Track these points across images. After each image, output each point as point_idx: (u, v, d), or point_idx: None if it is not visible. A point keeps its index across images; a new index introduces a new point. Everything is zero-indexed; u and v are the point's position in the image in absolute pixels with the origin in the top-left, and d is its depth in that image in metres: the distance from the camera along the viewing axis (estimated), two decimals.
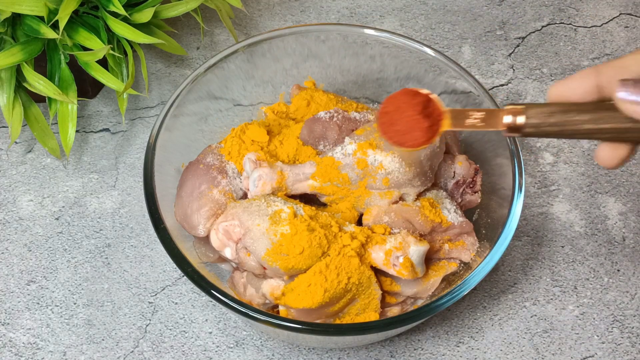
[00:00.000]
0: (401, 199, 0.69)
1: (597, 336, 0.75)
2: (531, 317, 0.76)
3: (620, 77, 0.50)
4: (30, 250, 0.79)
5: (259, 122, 0.75)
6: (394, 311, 0.69)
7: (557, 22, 0.99)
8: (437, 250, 0.69)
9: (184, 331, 0.75)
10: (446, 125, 0.55)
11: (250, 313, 0.62)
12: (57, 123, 0.84)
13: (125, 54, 0.80)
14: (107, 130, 0.88)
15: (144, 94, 0.90)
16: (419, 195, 0.70)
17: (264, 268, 0.64)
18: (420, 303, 0.69)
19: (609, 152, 0.53)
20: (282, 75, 0.82)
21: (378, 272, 0.66)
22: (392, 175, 0.67)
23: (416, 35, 0.97)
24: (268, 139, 0.72)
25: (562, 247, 0.80)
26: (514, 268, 0.79)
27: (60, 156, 0.84)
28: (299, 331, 0.62)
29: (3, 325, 0.75)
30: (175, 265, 0.70)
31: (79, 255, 0.79)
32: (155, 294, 0.77)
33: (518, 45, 0.97)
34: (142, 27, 0.80)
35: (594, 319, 0.76)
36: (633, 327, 0.75)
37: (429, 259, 0.68)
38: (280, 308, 0.66)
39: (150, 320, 0.75)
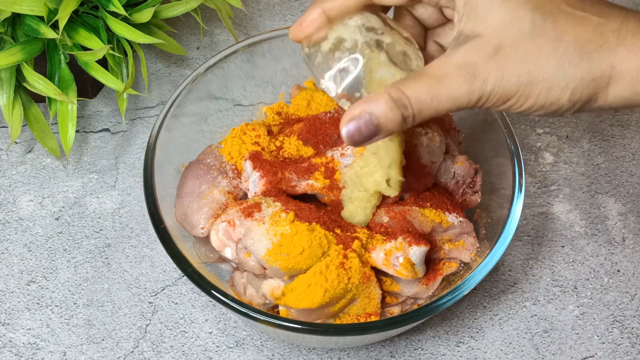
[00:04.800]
0: (401, 199, 0.69)
1: (597, 336, 0.75)
2: (531, 317, 0.76)
3: None
4: (30, 251, 0.79)
5: (259, 122, 0.75)
6: (394, 311, 0.69)
7: None
8: (437, 250, 0.69)
9: (184, 331, 0.75)
10: None
11: (250, 313, 0.62)
12: (57, 123, 0.84)
13: (125, 54, 0.80)
14: (107, 130, 0.88)
15: (143, 94, 0.90)
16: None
17: (264, 268, 0.64)
18: (420, 303, 0.69)
19: None
20: (282, 75, 0.82)
21: (378, 272, 0.66)
22: None
23: None
24: (268, 139, 0.72)
25: (562, 247, 0.80)
26: (514, 268, 0.79)
27: (60, 156, 0.84)
28: (299, 331, 0.62)
29: (3, 325, 0.75)
30: (175, 265, 0.70)
31: (79, 255, 0.79)
32: (155, 294, 0.77)
33: None
34: (142, 27, 0.80)
35: (594, 319, 0.76)
36: (633, 328, 0.75)
37: (429, 259, 0.68)
38: (280, 308, 0.65)
39: (150, 320, 0.75)
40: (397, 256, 0.64)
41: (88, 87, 0.89)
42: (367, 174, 0.65)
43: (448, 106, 0.51)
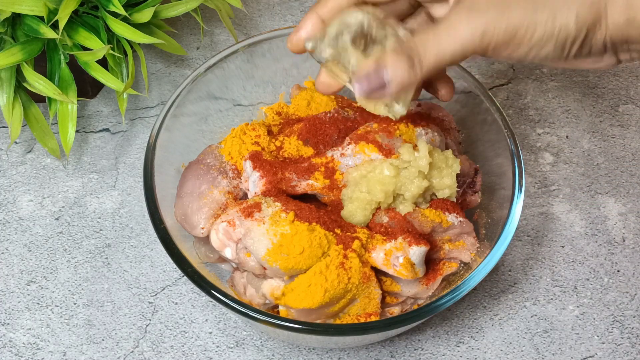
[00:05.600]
0: None
1: (597, 336, 0.75)
2: (531, 317, 0.76)
3: None
4: (30, 251, 0.79)
5: (259, 122, 0.75)
6: (394, 311, 0.68)
7: None
8: (438, 250, 0.69)
9: (184, 331, 0.74)
10: None
11: (250, 313, 0.62)
12: (57, 123, 0.84)
13: (125, 54, 0.80)
14: (107, 130, 0.88)
15: (143, 94, 0.90)
16: None
17: (264, 268, 0.64)
18: (420, 303, 0.69)
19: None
20: (282, 75, 0.82)
21: (378, 272, 0.66)
22: None
23: None
24: (268, 139, 0.72)
25: (562, 247, 0.80)
26: (514, 268, 0.79)
27: (60, 156, 0.84)
28: (299, 331, 0.61)
29: (3, 325, 0.75)
30: (175, 266, 0.69)
31: (79, 255, 0.79)
32: (155, 294, 0.77)
33: None
34: (142, 27, 0.80)
35: (594, 319, 0.76)
36: (633, 328, 0.75)
37: (429, 259, 0.68)
38: (280, 308, 0.65)
39: (150, 320, 0.75)
40: (397, 256, 0.64)
41: (88, 87, 0.89)
42: (382, 180, 0.65)
43: (452, 46, 0.51)
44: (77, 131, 0.87)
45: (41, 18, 0.75)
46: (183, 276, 0.78)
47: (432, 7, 0.61)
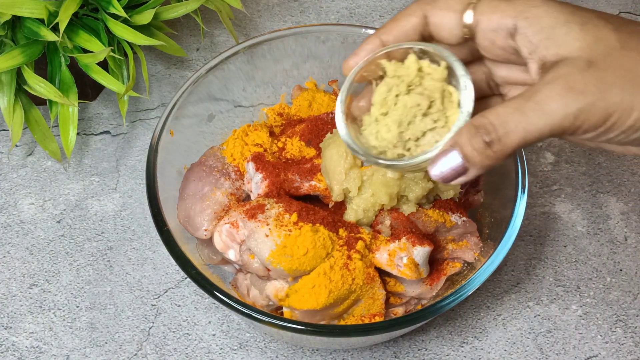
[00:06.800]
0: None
1: (601, 336, 0.75)
2: (534, 317, 0.76)
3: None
4: (32, 254, 0.79)
5: (260, 123, 0.75)
6: (398, 312, 0.68)
7: None
8: (441, 250, 0.69)
9: (187, 334, 0.74)
10: None
11: (254, 314, 0.61)
12: (57, 126, 0.84)
13: (126, 55, 0.80)
14: (107, 132, 0.88)
15: (144, 96, 0.89)
16: None
17: (268, 270, 0.64)
18: (424, 303, 0.69)
19: None
20: (283, 76, 0.82)
21: (382, 273, 0.66)
22: None
23: None
24: (270, 140, 0.72)
25: (565, 246, 0.80)
26: (517, 268, 0.79)
27: (61, 159, 0.83)
28: (303, 332, 0.61)
29: (6, 329, 0.74)
30: (177, 268, 0.69)
31: (81, 258, 0.79)
32: (158, 297, 0.76)
33: None
34: (142, 29, 0.80)
35: (597, 318, 0.76)
36: (636, 327, 0.75)
37: (433, 260, 0.68)
38: (284, 310, 0.65)
39: (153, 322, 0.75)
40: (401, 256, 0.64)
41: (88, 90, 0.88)
42: (386, 184, 0.65)
43: (540, 124, 0.45)
44: (77, 134, 0.87)
45: (41, 21, 0.75)
46: (186, 278, 0.77)
47: (498, 68, 0.55)
